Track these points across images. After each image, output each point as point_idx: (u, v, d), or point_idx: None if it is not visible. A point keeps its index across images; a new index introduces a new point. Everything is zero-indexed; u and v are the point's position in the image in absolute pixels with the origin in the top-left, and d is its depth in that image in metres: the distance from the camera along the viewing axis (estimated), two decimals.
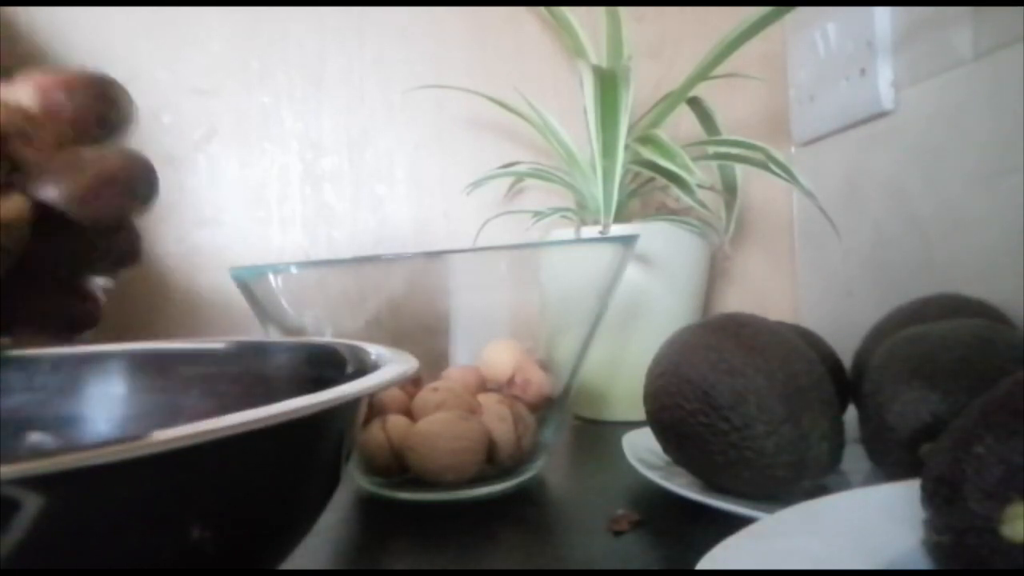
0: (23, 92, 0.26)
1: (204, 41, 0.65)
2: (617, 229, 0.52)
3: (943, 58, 0.49)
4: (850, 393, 0.40)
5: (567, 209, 0.59)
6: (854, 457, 0.34)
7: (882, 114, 0.55)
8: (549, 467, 0.44)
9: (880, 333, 0.40)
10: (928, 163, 0.51)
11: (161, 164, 0.71)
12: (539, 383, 0.41)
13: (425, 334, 0.40)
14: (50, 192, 0.24)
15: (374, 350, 0.29)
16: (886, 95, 0.54)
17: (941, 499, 0.21)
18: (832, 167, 0.62)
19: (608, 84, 0.50)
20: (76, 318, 0.27)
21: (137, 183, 0.26)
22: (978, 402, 0.22)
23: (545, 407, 0.42)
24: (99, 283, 0.28)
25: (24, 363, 0.35)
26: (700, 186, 0.51)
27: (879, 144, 0.56)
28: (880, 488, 0.25)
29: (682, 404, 0.32)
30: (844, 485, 0.33)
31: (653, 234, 0.54)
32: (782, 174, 0.51)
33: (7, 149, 0.24)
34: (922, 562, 0.22)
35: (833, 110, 0.60)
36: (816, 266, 0.66)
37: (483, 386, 0.41)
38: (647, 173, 0.55)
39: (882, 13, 0.54)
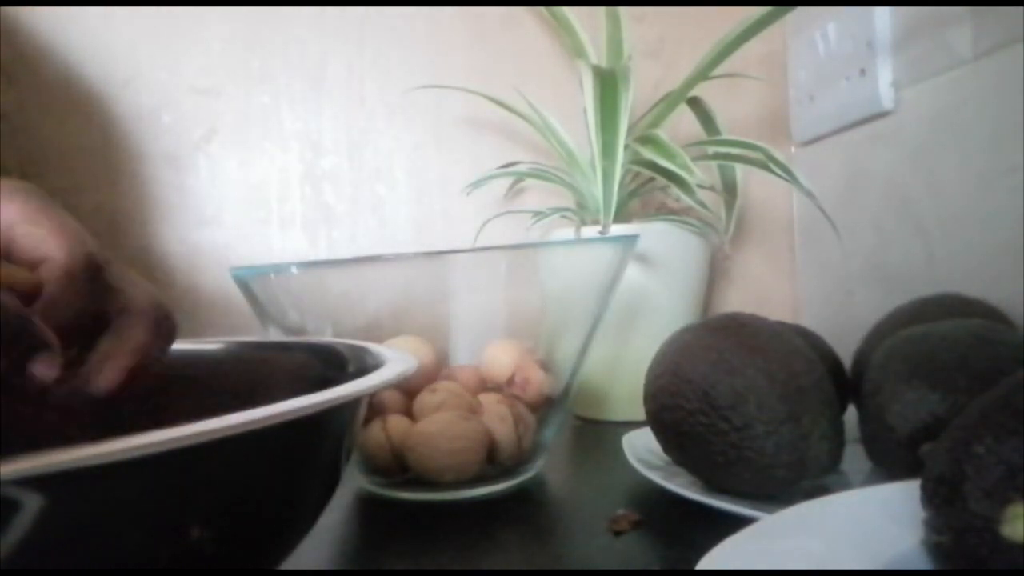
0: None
1: (204, 41, 0.65)
2: (617, 229, 0.52)
3: (943, 58, 0.49)
4: (850, 393, 0.40)
5: (567, 209, 0.59)
6: (854, 457, 0.34)
7: (882, 114, 0.55)
8: (549, 467, 0.44)
9: (880, 333, 0.40)
10: (928, 163, 0.51)
11: (161, 164, 0.71)
12: (539, 383, 0.41)
13: (425, 334, 0.40)
14: None
15: (374, 350, 0.29)
16: (886, 95, 0.54)
17: (941, 499, 0.21)
18: (832, 167, 0.62)
19: (608, 84, 0.50)
20: None
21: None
22: (978, 402, 0.22)
23: (545, 407, 0.42)
24: None
25: None
26: (700, 186, 0.51)
27: (879, 144, 0.56)
28: (880, 488, 0.25)
29: (682, 404, 0.32)
30: (844, 485, 0.33)
31: (653, 234, 0.54)
32: (782, 174, 0.51)
33: None
34: (922, 562, 0.22)
35: (833, 110, 0.60)
36: (816, 266, 0.66)
37: (483, 386, 0.41)
38: (647, 173, 0.55)
39: (882, 13, 0.54)
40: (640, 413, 0.37)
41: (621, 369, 0.55)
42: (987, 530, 0.19)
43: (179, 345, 0.38)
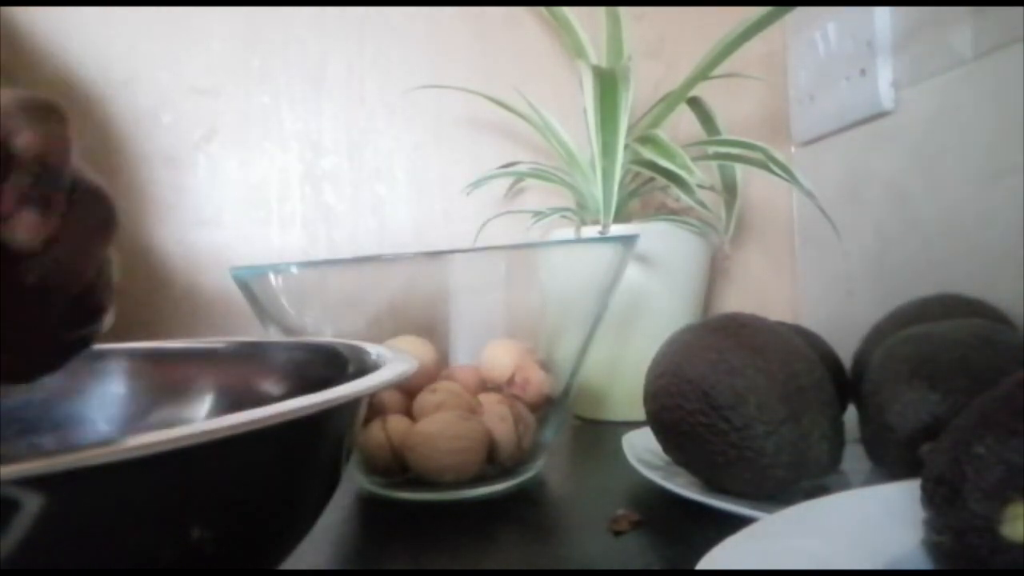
0: None
1: (204, 41, 0.65)
2: (617, 229, 0.52)
3: (943, 58, 0.49)
4: (850, 393, 0.40)
5: (567, 209, 0.59)
6: (854, 457, 0.34)
7: (882, 114, 0.55)
8: (549, 467, 0.44)
9: (880, 333, 0.40)
10: (928, 163, 0.51)
11: (161, 164, 0.71)
12: (539, 383, 0.41)
13: (425, 334, 0.40)
14: None
15: (374, 350, 0.29)
16: (886, 95, 0.54)
17: (941, 499, 0.21)
18: (832, 167, 0.62)
19: (608, 84, 0.50)
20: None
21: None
22: (978, 402, 0.22)
23: (545, 407, 0.42)
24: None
25: None
26: (700, 186, 0.51)
27: (879, 144, 0.56)
28: (880, 488, 0.25)
29: (682, 404, 0.32)
30: (844, 485, 0.33)
31: (653, 234, 0.54)
32: (782, 174, 0.51)
33: None
34: (922, 562, 0.22)
35: (833, 110, 0.60)
36: (816, 266, 0.66)
37: (483, 386, 0.41)
38: (647, 173, 0.55)
39: (882, 13, 0.54)
40: (640, 413, 0.37)
41: (621, 369, 0.55)
42: (987, 530, 0.19)
43: (180, 345, 0.38)
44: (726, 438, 0.31)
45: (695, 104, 0.59)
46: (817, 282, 0.66)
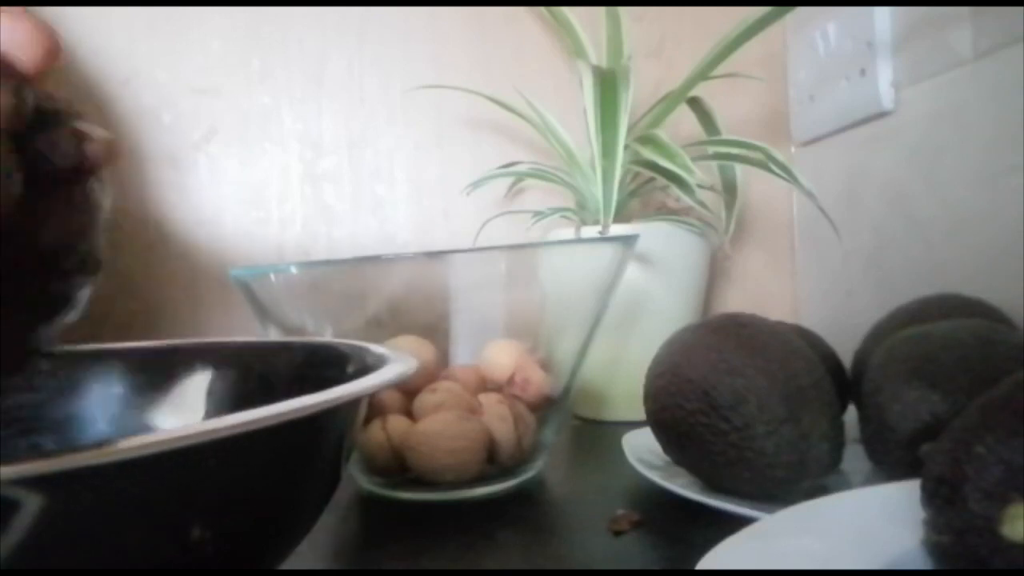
0: None
1: (204, 41, 0.65)
2: (617, 229, 0.52)
3: (943, 58, 0.49)
4: (850, 393, 0.40)
5: (567, 209, 0.59)
6: (854, 457, 0.34)
7: (882, 114, 0.55)
8: (549, 467, 0.44)
9: (880, 333, 0.40)
10: (928, 163, 0.51)
11: (161, 164, 0.70)
12: (539, 383, 0.41)
13: (425, 334, 0.40)
14: None
15: (374, 350, 0.29)
16: (886, 95, 0.54)
17: (941, 499, 0.21)
18: (832, 167, 0.62)
19: (608, 84, 0.50)
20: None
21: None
22: (978, 402, 0.22)
23: (545, 407, 0.42)
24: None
25: None
26: (700, 186, 0.51)
27: (879, 144, 0.56)
28: (880, 488, 0.25)
29: (682, 404, 0.32)
30: (844, 485, 0.33)
31: (653, 234, 0.54)
32: (782, 174, 0.51)
33: None
34: (922, 562, 0.22)
35: (833, 110, 0.60)
36: (816, 266, 0.66)
37: (483, 386, 0.41)
38: (647, 173, 0.55)
39: (882, 13, 0.54)
40: (640, 413, 0.37)
41: (621, 369, 0.55)
42: (987, 530, 0.19)
43: (180, 344, 0.38)
44: (726, 438, 0.31)
45: (695, 104, 0.59)
46: (817, 282, 0.66)
